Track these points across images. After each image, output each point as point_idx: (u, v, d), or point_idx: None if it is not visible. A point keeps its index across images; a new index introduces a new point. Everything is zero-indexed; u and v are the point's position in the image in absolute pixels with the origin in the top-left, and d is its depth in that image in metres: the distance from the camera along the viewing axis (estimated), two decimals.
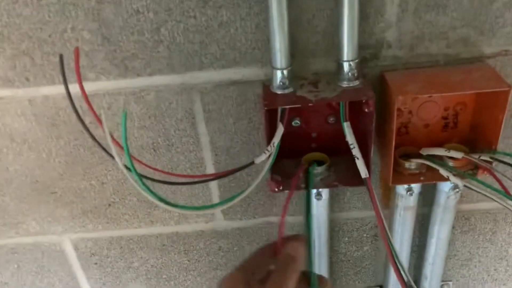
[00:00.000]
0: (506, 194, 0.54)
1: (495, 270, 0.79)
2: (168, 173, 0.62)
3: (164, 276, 0.80)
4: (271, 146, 0.55)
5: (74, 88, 0.58)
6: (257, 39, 0.55)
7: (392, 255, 0.59)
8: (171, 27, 0.55)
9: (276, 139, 0.56)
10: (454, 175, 0.57)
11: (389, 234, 0.58)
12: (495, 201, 0.54)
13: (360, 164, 0.56)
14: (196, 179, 0.61)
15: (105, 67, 0.58)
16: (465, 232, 0.74)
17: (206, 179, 0.64)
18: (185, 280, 0.81)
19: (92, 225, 0.74)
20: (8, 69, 0.59)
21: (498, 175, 0.57)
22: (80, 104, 0.61)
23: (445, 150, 0.58)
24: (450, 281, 0.81)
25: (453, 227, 0.73)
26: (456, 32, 0.55)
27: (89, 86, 0.59)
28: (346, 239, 0.75)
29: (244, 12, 0.54)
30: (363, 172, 0.56)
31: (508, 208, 0.54)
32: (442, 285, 0.80)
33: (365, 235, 0.75)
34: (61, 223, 0.73)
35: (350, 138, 0.56)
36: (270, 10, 0.50)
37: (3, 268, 0.80)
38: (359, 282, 0.81)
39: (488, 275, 0.80)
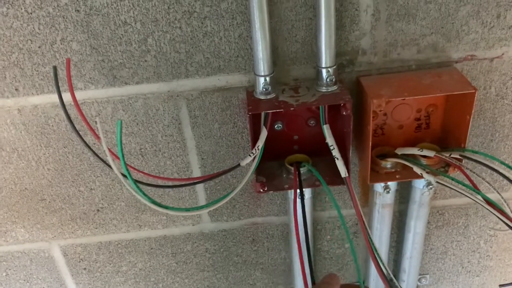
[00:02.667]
0: (474, 189, 0.58)
1: (468, 262, 0.83)
2: (156, 176, 0.64)
3: (152, 279, 0.82)
4: (255, 149, 0.58)
5: (65, 96, 0.60)
6: (240, 47, 0.58)
7: (372, 250, 0.62)
8: (157, 37, 0.57)
9: (261, 142, 0.59)
10: (427, 172, 0.60)
11: (368, 230, 0.61)
12: (466, 195, 0.58)
13: (340, 164, 0.59)
14: (183, 182, 0.63)
15: (93, 77, 0.60)
16: (440, 227, 0.78)
17: (193, 182, 0.66)
18: (173, 282, 0.83)
19: (81, 231, 0.75)
20: None
21: (467, 171, 0.61)
22: (70, 112, 0.63)
23: (418, 150, 0.62)
24: (427, 274, 0.85)
25: (428, 222, 0.77)
26: (426, 39, 0.59)
27: (78, 95, 0.61)
28: (328, 237, 0.79)
29: (227, 23, 0.57)
30: (343, 171, 0.60)
31: (477, 202, 0.58)
32: (420, 278, 0.85)
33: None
34: (50, 230, 0.75)
35: (329, 140, 0.59)
36: (252, 21, 0.54)
37: None
38: (342, 279, 0.84)
39: (462, 267, 0.84)
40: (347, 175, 0.60)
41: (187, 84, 0.61)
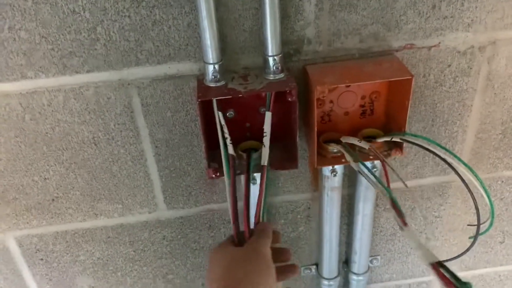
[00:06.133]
0: (382, 182, 0.61)
1: None
2: None
3: (110, 268, 0.83)
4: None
5: (15, 85, 0.61)
6: (189, 36, 0.60)
7: None
8: (107, 26, 0.58)
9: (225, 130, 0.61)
10: (354, 160, 0.63)
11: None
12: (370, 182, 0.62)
13: (264, 151, 0.61)
14: None
15: (44, 65, 0.60)
16: (388, 209, 0.82)
17: None
18: (132, 270, 0.84)
19: (37, 221, 0.75)
20: None
21: (386, 166, 0.64)
22: (21, 101, 0.63)
23: (358, 140, 0.64)
24: (378, 255, 0.89)
25: (377, 205, 0.81)
26: (367, 28, 0.63)
27: (29, 84, 0.61)
28: (283, 221, 0.81)
29: (176, 12, 0.58)
30: (264, 159, 0.61)
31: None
32: (371, 259, 0.89)
33: (299, 216, 0.81)
34: (4, 221, 0.74)
35: (265, 127, 0.61)
36: (199, 10, 0.55)
37: None
38: (296, 262, 0.87)
39: (411, 248, 0.89)
40: (265, 164, 0.61)
41: (138, 72, 0.62)
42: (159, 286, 0.87)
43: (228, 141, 0.60)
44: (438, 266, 0.49)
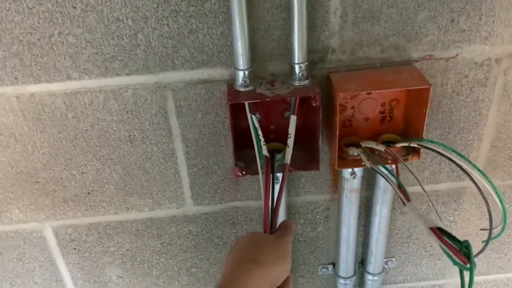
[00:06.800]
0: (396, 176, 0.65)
1: (431, 246, 0.91)
2: None
3: (138, 260, 0.88)
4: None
5: (60, 86, 0.66)
6: (222, 44, 0.65)
7: None
8: (147, 33, 0.63)
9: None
10: (370, 161, 0.67)
11: None
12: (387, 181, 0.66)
13: (288, 151, 0.65)
14: None
15: (87, 68, 0.66)
16: (404, 212, 0.86)
17: None
18: (158, 262, 0.89)
19: (72, 212, 0.81)
20: None
21: (400, 166, 0.68)
22: (65, 100, 0.69)
23: (376, 144, 0.68)
24: (393, 257, 0.92)
25: (394, 208, 0.84)
26: (389, 39, 0.66)
27: (73, 85, 0.67)
28: (302, 221, 0.85)
29: (210, 21, 0.63)
30: (287, 158, 0.65)
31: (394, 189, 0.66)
32: (386, 261, 0.92)
33: (318, 216, 0.85)
34: (43, 211, 0.80)
35: (291, 129, 0.66)
36: (233, 20, 0.60)
37: None
38: (314, 260, 0.91)
39: (425, 251, 0.92)
40: (288, 162, 0.66)
41: (173, 76, 0.67)
42: (183, 279, 0.91)
43: (262, 142, 0.65)
44: (438, 230, 0.53)
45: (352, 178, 0.74)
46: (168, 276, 0.91)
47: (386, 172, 0.65)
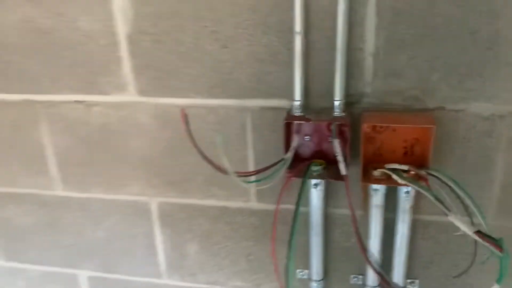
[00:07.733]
0: (427, 188, 0.84)
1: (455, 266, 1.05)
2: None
3: (211, 240, 1.16)
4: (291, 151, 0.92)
5: (181, 101, 1.00)
6: (285, 84, 0.94)
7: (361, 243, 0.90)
8: (239, 72, 0.95)
9: (294, 144, 0.93)
10: (402, 178, 0.88)
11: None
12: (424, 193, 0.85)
13: (341, 165, 0.90)
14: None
15: (199, 91, 1.00)
16: (426, 239, 1.03)
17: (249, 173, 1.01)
18: (225, 246, 1.16)
19: (173, 193, 1.13)
20: None
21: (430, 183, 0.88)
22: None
23: (398, 165, 0.90)
24: (417, 279, 1.07)
25: (415, 233, 1.02)
26: (409, 92, 0.90)
27: (189, 101, 1.01)
28: (339, 231, 1.07)
29: (279, 69, 0.93)
30: (343, 170, 0.90)
31: (428, 196, 0.85)
32: (410, 282, 1.07)
33: (351, 229, 1.06)
34: (153, 188, 1.13)
35: (336, 147, 0.91)
36: (293, 69, 0.90)
37: (101, 220, 1.21)
38: (347, 268, 1.11)
39: (446, 280, 1.06)
40: (345, 173, 0.90)
41: (253, 102, 0.98)
42: (242, 263, 1.17)
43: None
44: (480, 233, 0.72)
45: (375, 193, 0.95)
46: (231, 260, 1.17)
47: (422, 190, 0.85)
